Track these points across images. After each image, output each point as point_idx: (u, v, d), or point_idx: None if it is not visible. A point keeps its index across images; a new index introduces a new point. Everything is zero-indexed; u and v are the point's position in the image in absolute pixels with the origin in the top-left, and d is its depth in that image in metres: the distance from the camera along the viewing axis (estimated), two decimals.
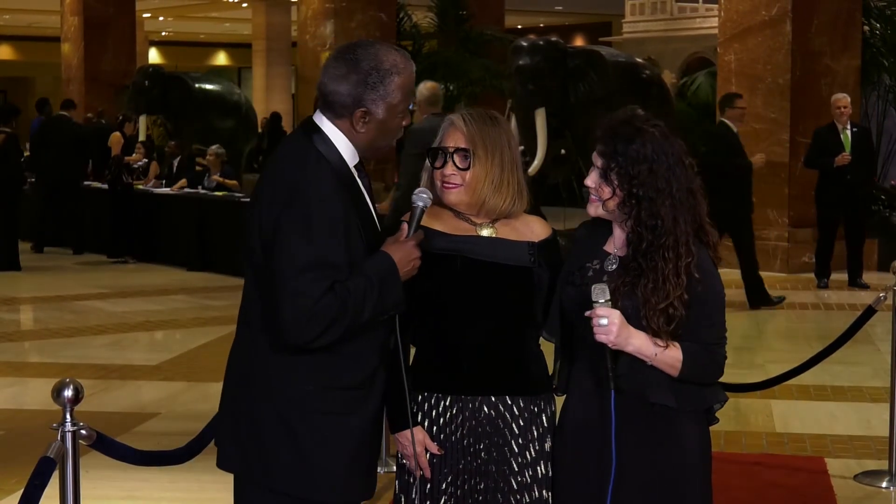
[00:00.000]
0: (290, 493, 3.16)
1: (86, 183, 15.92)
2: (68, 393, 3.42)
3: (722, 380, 3.18)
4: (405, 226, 3.20)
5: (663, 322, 3.10)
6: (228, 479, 3.30)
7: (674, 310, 3.10)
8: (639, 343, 3.11)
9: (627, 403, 3.16)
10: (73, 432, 3.41)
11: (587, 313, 3.11)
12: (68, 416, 3.41)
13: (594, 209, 3.24)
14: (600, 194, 3.20)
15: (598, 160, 3.20)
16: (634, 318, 3.13)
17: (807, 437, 6.83)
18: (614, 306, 3.10)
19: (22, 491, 3.25)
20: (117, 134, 15.45)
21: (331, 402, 3.13)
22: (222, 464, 3.28)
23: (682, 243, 3.13)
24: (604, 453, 3.15)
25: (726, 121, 11.07)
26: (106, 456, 3.78)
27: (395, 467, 6.02)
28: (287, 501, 3.18)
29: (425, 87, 8.72)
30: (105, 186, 15.19)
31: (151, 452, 4.29)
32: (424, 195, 3.23)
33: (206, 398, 7.67)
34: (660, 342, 3.11)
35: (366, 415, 3.19)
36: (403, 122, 3.25)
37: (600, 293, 3.09)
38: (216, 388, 3.31)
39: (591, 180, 3.21)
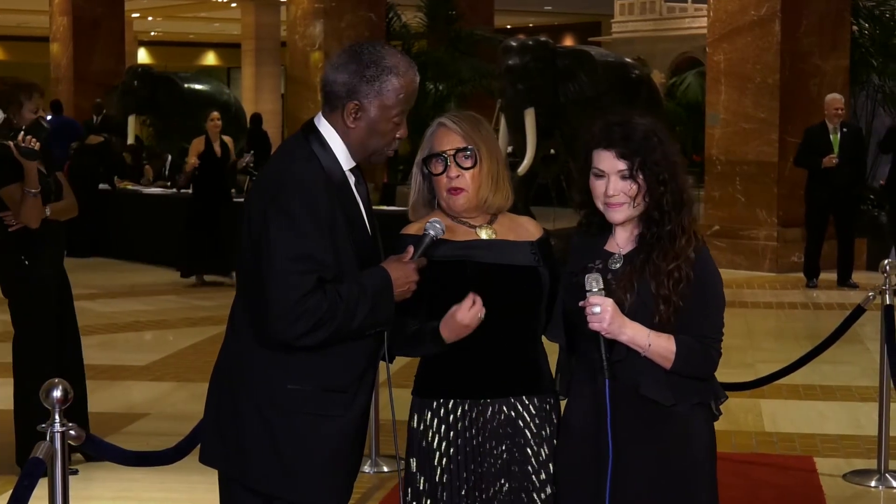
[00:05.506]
0: (266, 493, 3.15)
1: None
2: (57, 394, 3.41)
3: None
4: (411, 248, 3.19)
5: (672, 284, 3.11)
6: (217, 479, 3.29)
7: (679, 272, 3.12)
8: (632, 332, 3.12)
9: (627, 396, 3.16)
10: (62, 433, 3.40)
11: (581, 303, 3.11)
12: (57, 417, 3.41)
13: (624, 213, 3.20)
14: (630, 194, 3.18)
15: (618, 164, 3.16)
16: (639, 313, 3.13)
17: (796, 437, 6.84)
18: (617, 302, 3.11)
19: (11, 491, 3.24)
20: None
21: (314, 404, 3.11)
22: (204, 459, 3.28)
23: (686, 218, 3.19)
24: (603, 446, 3.15)
25: None
26: (95, 456, 3.77)
27: (384, 468, 6.07)
28: (269, 500, 3.17)
29: None
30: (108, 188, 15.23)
31: (140, 453, 4.28)
32: (438, 225, 3.22)
33: (195, 398, 7.66)
34: (653, 334, 3.11)
35: (349, 418, 3.17)
36: (397, 135, 3.20)
37: (594, 282, 3.10)
38: (205, 389, 3.30)
39: (615, 188, 3.17)
